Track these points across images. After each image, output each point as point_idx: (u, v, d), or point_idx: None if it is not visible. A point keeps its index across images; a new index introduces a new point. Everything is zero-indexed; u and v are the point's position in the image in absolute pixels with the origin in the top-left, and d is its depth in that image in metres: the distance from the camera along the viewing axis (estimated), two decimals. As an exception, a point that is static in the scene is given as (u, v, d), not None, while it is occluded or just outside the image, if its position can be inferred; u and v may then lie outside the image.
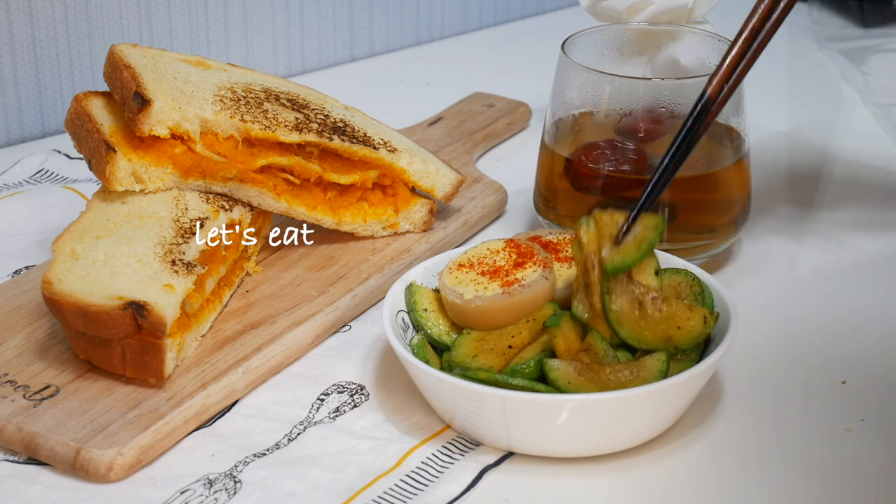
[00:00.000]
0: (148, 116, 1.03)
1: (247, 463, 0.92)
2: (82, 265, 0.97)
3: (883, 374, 1.01)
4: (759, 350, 1.03)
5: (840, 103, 1.46)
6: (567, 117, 1.12)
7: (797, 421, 0.96)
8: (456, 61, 1.57)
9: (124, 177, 1.04)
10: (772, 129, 1.39)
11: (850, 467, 0.92)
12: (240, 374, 0.97)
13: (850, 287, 1.12)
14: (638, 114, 1.08)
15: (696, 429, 0.95)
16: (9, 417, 0.92)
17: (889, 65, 1.54)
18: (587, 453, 0.92)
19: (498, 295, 0.96)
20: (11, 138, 1.37)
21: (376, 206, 1.12)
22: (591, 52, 1.14)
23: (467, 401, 0.91)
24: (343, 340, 1.04)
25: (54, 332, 1.01)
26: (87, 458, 0.89)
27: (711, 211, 1.11)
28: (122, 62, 1.08)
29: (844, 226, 1.21)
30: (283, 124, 1.07)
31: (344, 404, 0.97)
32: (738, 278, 1.12)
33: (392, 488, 0.90)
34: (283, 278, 1.08)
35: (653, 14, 1.21)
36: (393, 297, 0.99)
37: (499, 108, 1.37)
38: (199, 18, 1.44)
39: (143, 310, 0.92)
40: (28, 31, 1.34)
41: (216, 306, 1.03)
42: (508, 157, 1.33)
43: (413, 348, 0.96)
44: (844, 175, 1.31)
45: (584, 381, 0.91)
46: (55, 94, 1.37)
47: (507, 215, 1.22)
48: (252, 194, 1.07)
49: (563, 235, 1.02)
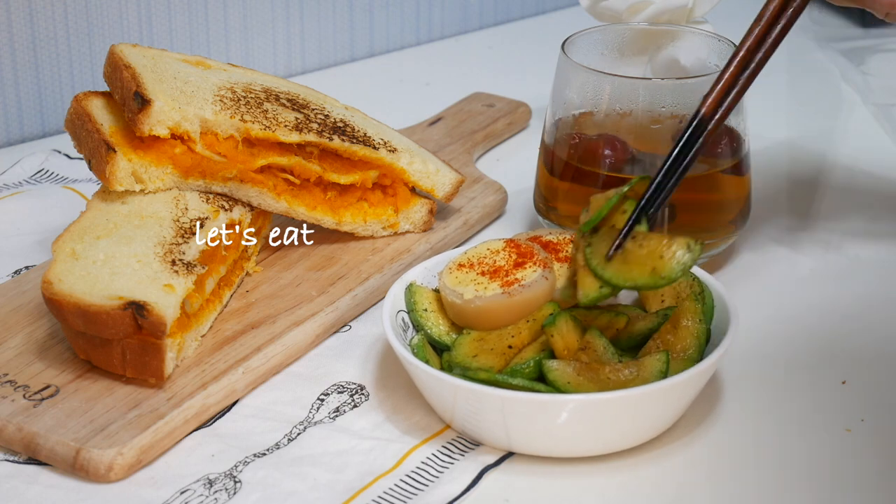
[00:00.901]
0: (148, 116, 1.03)
1: (247, 463, 0.92)
2: (82, 265, 0.97)
3: (883, 374, 1.01)
4: (759, 350, 1.03)
5: (840, 103, 1.46)
6: (567, 117, 1.12)
7: (797, 421, 0.96)
8: (456, 61, 1.57)
9: (124, 177, 1.04)
10: (772, 129, 1.39)
11: (850, 467, 0.92)
12: (240, 374, 0.97)
13: (850, 287, 1.12)
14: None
15: (696, 429, 0.95)
16: (9, 417, 0.92)
17: (889, 65, 1.54)
18: (587, 453, 0.92)
19: (498, 295, 0.96)
20: (11, 138, 1.37)
21: (376, 206, 1.12)
22: (591, 52, 1.14)
23: (467, 401, 0.91)
24: (343, 340, 1.04)
25: (54, 332, 1.01)
26: (87, 458, 0.89)
27: (711, 211, 1.11)
28: (122, 62, 1.08)
29: (844, 226, 1.21)
30: (283, 124, 1.08)
31: (344, 404, 0.97)
32: (738, 278, 1.12)
33: (392, 488, 0.90)
34: (283, 278, 1.08)
35: (653, 14, 1.21)
36: (393, 297, 0.99)
37: (499, 108, 1.37)
38: (199, 18, 1.44)
39: (143, 310, 0.92)
40: (28, 31, 1.34)
41: (216, 306, 1.03)
42: (508, 157, 1.33)
43: (413, 348, 0.96)
44: (844, 175, 1.31)
45: (584, 381, 0.91)
46: (55, 94, 1.37)
47: (507, 215, 1.22)
48: (252, 194, 1.07)
49: (563, 235, 1.02)
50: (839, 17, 1.64)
